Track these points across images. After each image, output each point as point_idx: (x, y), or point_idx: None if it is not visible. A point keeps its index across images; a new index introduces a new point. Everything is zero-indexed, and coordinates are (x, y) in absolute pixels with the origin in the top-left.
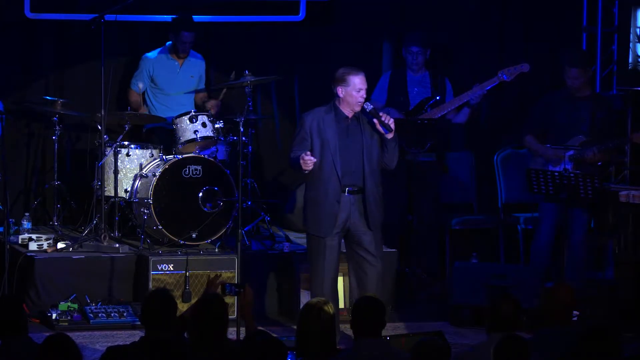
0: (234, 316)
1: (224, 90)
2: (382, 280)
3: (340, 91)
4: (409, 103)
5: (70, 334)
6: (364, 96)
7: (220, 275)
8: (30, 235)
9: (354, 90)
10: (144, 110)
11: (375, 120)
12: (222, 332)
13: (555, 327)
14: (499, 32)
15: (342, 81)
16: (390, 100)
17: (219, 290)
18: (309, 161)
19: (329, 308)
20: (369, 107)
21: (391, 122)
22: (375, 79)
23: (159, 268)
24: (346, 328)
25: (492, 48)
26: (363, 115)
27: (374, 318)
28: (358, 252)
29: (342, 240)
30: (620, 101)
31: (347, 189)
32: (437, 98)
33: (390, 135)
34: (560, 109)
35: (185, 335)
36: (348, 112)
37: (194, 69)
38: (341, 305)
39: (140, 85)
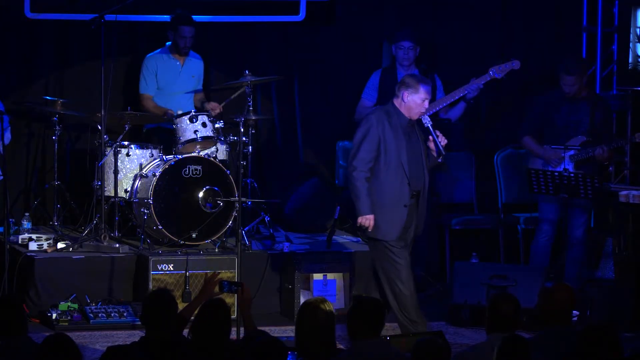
0: (234, 316)
1: (231, 97)
2: None
3: (406, 96)
4: None
5: (70, 334)
6: (427, 106)
7: (218, 273)
8: (30, 235)
9: (419, 98)
10: (159, 110)
11: (430, 138)
12: (225, 335)
13: (555, 327)
14: (499, 32)
15: (411, 87)
16: (381, 99)
17: (216, 289)
18: (366, 223)
19: (326, 306)
20: (428, 122)
21: (444, 143)
22: None
23: (159, 268)
24: None
25: (492, 47)
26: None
27: (372, 318)
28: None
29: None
30: (618, 101)
31: (412, 192)
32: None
33: (439, 157)
34: (559, 111)
35: (184, 334)
36: (409, 114)
37: (194, 69)
38: (341, 305)
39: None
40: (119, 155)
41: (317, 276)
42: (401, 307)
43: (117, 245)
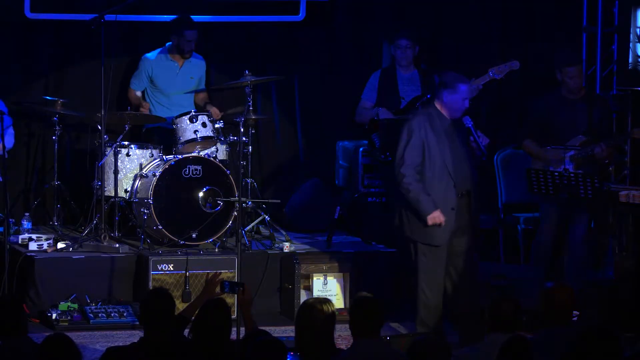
0: (234, 316)
1: (233, 111)
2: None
3: (445, 96)
4: (400, 101)
5: (70, 334)
6: (467, 105)
7: (219, 274)
8: (30, 235)
9: (460, 97)
10: (146, 105)
11: (472, 138)
12: (225, 335)
13: (555, 327)
14: (499, 32)
15: (450, 87)
16: (380, 99)
17: (217, 289)
18: (438, 220)
19: (325, 307)
20: (469, 123)
21: (486, 143)
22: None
23: (159, 268)
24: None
25: (492, 48)
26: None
27: (372, 318)
28: (460, 255)
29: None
30: (616, 101)
31: (459, 193)
32: (428, 96)
33: (482, 156)
34: (558, 112)
35: (185, 334)
36: (448, 116)
37: (194, 70)
38: (341, 305)
39: (138, 93)
40: (119, 155)
41: (317, 276)
42: (422, 312)
43: (117, 245)
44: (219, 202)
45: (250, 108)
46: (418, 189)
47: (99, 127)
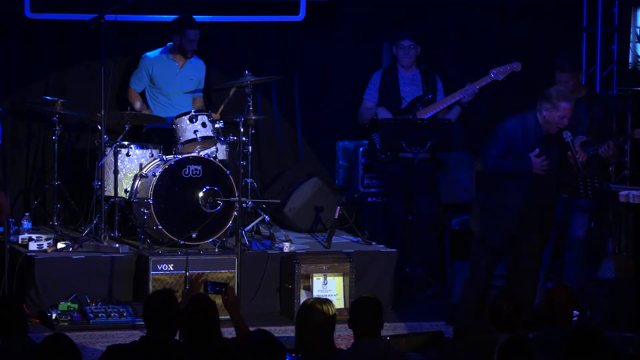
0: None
1: (222, 105)
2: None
3: (544, 110)
4: (401, 101)
5: (70, 334)
6: (566, 123)
7: (203, 274)
8: (30, 235)
9: (558, 115)
10: (145, 110)
11: (569, 153)
12: (214, 331)
13: (555, 327)
14: (499, 32)
15: (551, 102)
16: (382, 99)
17: (201, 289)
18: (544, 166)
19: (325, 307)
20: (568, 137)
21: (584, 159)
22: None
23: (159, 268)
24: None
25: (492, 47)
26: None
27: (371, 318)
28: (519, 263)
29: None
30: (616, 101)
31: (527, 202)
32: (429, 97)
33: (578, 171)
34: None
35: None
36: (546, 128)
37: (193, 72)
38: (341, 305)
39: (138, 105)
40: (119, 155)
41: (317, 276)
42: (460, 298)
43: (117, 245)
44: (219, 202)
45: (250, 108)
46: (501, 163)
47: (99, 127)
